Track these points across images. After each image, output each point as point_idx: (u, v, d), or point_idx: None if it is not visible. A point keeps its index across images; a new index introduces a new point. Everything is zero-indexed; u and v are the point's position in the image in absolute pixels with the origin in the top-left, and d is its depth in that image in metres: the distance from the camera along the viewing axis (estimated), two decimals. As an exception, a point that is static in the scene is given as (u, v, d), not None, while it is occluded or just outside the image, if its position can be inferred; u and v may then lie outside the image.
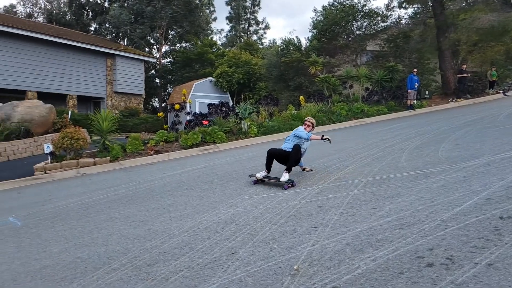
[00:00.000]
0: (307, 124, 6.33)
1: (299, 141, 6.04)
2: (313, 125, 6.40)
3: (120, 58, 24.13)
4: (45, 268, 3.60)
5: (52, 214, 5.67)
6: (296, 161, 5.93)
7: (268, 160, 6.04)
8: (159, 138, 11.67)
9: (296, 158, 5.87)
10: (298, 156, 5.88)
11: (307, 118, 6.47)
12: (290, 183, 5.65)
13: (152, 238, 4.12)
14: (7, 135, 13.50)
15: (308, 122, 6.37)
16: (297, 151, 5.81)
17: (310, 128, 6.31)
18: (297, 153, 5.83)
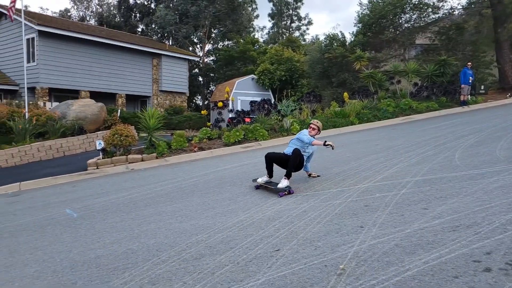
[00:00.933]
0: (312, 127, 5.95)
1: (302, 145, 5.75)
2: (318, 129, 6.00)
3: (165, 58, 24.94)
4: (99, 257, 3.80)
5: (104, 207, 5.97)
6: (295, 167, 5.58)
7: (267, 165, 5.79)
8: (203, 136, 11.91)
9: (295, 164, 5.49)
10: (297, 161, 5.48)
11: (312, 121, 6.09)
12: (286, 191, 5.34)
13: (197, 232, 4.21)
14: (63, 132, 14.42)
15: (314, 125, 5.98)
16: (296, 155, 5.46)
17: (315, 131, 5.94)
18: (296, 158, 5.45)
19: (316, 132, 5.95)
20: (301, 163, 5.71)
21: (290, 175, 5.46)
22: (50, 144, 13.59)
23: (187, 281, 3.05)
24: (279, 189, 5.37)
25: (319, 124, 6.02)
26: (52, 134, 14.13)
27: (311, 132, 5.88)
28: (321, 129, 6.07)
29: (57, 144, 13.81)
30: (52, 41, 19.57)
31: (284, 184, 5.36)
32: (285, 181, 5.38)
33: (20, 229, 5.23)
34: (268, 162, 5.77)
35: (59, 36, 19.65)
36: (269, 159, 5.76)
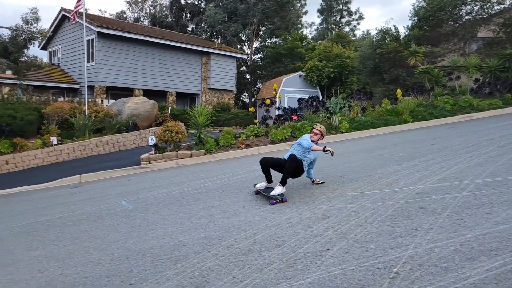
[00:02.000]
0: (315, 132, 5.60)
1: (303, 150, 5.47)
2: (321, 133, 5.61)
3: (214, 56, 25.45)
4: (152, 248, 3.95)
5: (156, 200, 6.21)
6: (292, 173, 5.29)
7: (263, 170, 5.58)
8: (250, 133, 11.99)
9: (291, 170, 5.20)
10: (292, 167, 5.19)
11: (315, 126, 5.72)
12: (278, 199, 5.14)
13: (246, 228, 4.24)
14: (118, 128, 15.22)
15: (316, 130, 5.61)
16: (292, 161, 5.20)
17: (318, 136, 5.58)
18: (292, 164, 5.18)
19: (319, 137, 5.61)
20: (299, 169, 5.46)
21: (285, 181, 5.20)
22: (107, 139, 14.42)
23: (236, 276, 3.08)
24: (271, 196, 5.17)
25: (322, 129, 5.65)
26: (109, 130, 14.98)
27: (314, 137, 5.57)
28: (324, 134, 5.69)
29: (113, 140, 14.62)
30: (109, 42, 20.72)
31: (278, 191, 5.12)
32: (279, 189, 5.14)
33: (81, 218, 5.59)
34: (264, 167, 5.56)
35: (116, 37, 20.75)
36: (265, 164, 5.54)
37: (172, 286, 3.04)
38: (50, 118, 14.48)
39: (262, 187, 5.64)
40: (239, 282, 2.98)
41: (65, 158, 13.22)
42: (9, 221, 6.01)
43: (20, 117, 13.43)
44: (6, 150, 12.11)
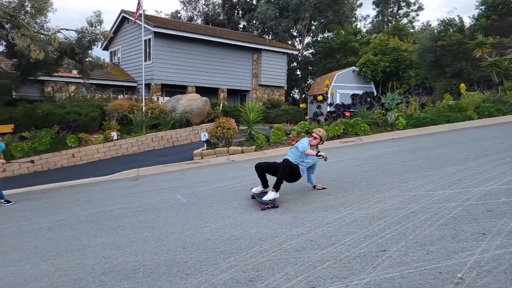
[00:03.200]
0: (314, 137, 5.46)
1: (300, 154, 5.32)
2: (321, 138, 5.47)
3: (265, 52, 25.51)
4: (206, 241, 4.05)
5: (209, 194, 6.37)
6: (284, 178, 5.17)
7: (258, 175, 5.52)
8: (300, 129, 11.88)
9: (284, 174, 5.10)
10: (286, 171, 5.09)
11: (314, 130, 5.60)
12: (269, 204, 5.01)
13: (298, 225, 4.20)
14: (172, 124, 15.83)
15: (316, 134, 5.47)
16: (285, 166, 5.10)
17: (317, 140, 5.44)
18: (285, 169, 5.08)
19: (318, 142, 5.47)
20: (295, 174, 5.34)
21: (278, 187, 5.11)
22: (162, 135, 15.06)
23: (289, 272, 3.06)
24: (262, 201, 5.09)
25: (322, 134, 5.49)
26: (164, 126, 15.62)
27: (313, 141, 5.44)
28: (324, 139, 5.55)
29: (167, 135, 15.24)
30: (165, 41, 21.56)
31: (270, 196, 5.04)
32: (271, 194, 5.07)
33: (140, 210, 5.89)
34: (259, 172, 5.51)
35: (171, 36, 21.53)
36: (260, 169, 5.49)
37: (226, 278, 3.09)
38: (111, 115, 15.41)
39: (258, 192, 5.59)
40: (292, 278, 2.96)
41: (124, 153, 14.02)
42: (76, 210, 6.49)
43: (85, 114, 14.43)
44: (73, 144, 13.09)
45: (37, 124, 13.89)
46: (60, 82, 20.15)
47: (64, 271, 3.69)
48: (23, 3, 12.43)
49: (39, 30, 12.97)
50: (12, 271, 3.89)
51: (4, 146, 8.43)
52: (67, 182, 9.94)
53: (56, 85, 20.08)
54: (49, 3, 12.74)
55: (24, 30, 11.92)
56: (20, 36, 11.69)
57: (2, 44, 13.74)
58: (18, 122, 13.87)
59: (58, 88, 20.06)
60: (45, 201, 7.85)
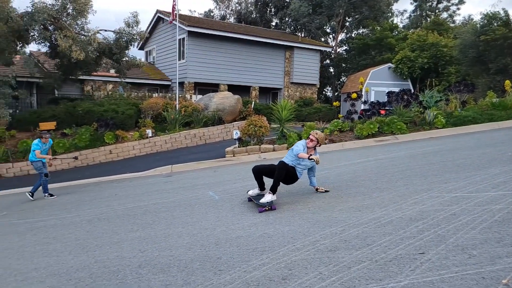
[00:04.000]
0: (311, 139, 5.40)
1: (296, 156, 5.28)
2: (317, 141, 5.39)
3: (297, 50, 25.30)
4: (239, 238, 4.07)
5: (241, 192, 6.39)
6: (280, 180, 5.11)
7: (255, 177, 5.51)
8: (333, 128, 11.70)
9: (280, 177, 5.05)
10: (282, 173, 5.05)
11: (311, 132, 5.52)
12: (267, 207, 4.99)
13: (331, 225, 4.13)
14: (205, 122, 16.04)
15: (312, 136, 5.41)
16: (280, 168, 5.06)
17: (314, 143, 5.38)
18: (281, 171, 5.04)
19: (315, 144, 5.42)
20: (291, 176, 5.30)
21: (275, 189, 5.06)
22: (194, 133, 15.31)
23: (322, 272, 3.02)
24: (259, 203, 5.08)
25: (319, 136, 5.42)
26: (196, 124, 15.87)
27: (309, 143, 5.39)
28: (321, 141, 5.47)
29: (200, 133, 15.47)
30: (198, 40, 21.87)
31: (267, 199, 5.02)
32: (268, 196, 5.04)
33: (174, 206, 6.01)
34: (256, 174, 5.50)
35: (204, 35, 21.81)
36: (257, 172, 5.48)
37: (259, 276, 3.08)
38: (146, 113, 15.84)
39: (254, 194, 5.57)
40: (326, 278, 2.91)
41: (158, 149, 14.37)
42: (114, 204, 6.72)
43: (121, 112, 14.91)
44: (110, 141, 13.57)
45: (77, 121, 14.51)
46: (98, 81, 20.95)
47: (103, 262, 3.82)
48: (65, 6, 13.00)
49: (79, 31, 13.53)
50: (56, 261, 4.08)
51: (52, 141, 8.88)
52: (105, 178, 10.32)
53: (95, 84, 20.89)
54: (89, 5, 13.26)
55: (66, 31, 12.48)
56: (62, 37, 12.25)
57: (46, 45, 14.44)
58: (60, 120, 14.55)
59: (97, 87, 20.87)
60: (85, 195, 8.19)
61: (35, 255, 4.39)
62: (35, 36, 13.68)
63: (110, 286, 3.24)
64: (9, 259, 4.34)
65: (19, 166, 12.32)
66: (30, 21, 12.25)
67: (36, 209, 7.23)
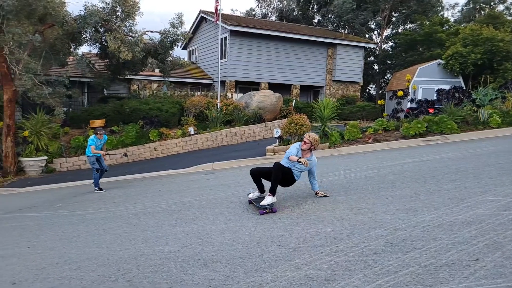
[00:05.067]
0: (305, 141, 5.40)
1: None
2: (311, 143, 5.36)
3: (340, 47, 24.77)
4: (280, 236, 4.05)
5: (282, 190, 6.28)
6: (277, 182, 5.13)
7: (254, 180, 5.52)
8: (378, 126, 11.35)
9: (277, 178, 5.09)
10: (278, 175, 5.08)
11: (305, 134, 5.52)
12: (267, 209, 4.99)
13: (376, 227, 4.00)
14: (245, 120, 16.16)
15: (306, 139, 5.39)
16: (276, 170, 5.09)
17: (308, 145, 5.37)
18: (277, 173, 5.08)
19: (309, 147, 5.40)
20: (288, 178, 5.35)
21: (273, 191, 5.11)
22: (235, 131, 15.46)
23: (367, 274, 2.93)
24: (259, 206, 5.09)
25: (312, 138, 5.38)
26: (237, 122, 16.03)
27: (303, 146, 5.39)
28: (315, 143, 5.42)
29: (240, 131, 15.60)
30: (240, 39, 22.05)
31: (267, 201, 5.05)
32: (268, 198, 5.07)
33: (215, 202, 6.09)
34: (254, 177, 5.52)
35: (245, 34, 21.95)
36: (254, 174, 5.50)
37: (301, 275, 3.04)
38: (188, 111, 16.23)
39: (255, 197, 5.57)
40: (371, 281, 2.82)
41: (200, 147, 14.67)
42: (158, 200, 6.94)
43: (166, 110, 15.38)
44: (155, 138, 14.06)
45: (124, 119, 15.16)
46: (144, 81, 21.76)
47: (149, 255, 3.95)
48: (115, 8, 13.60)
49: (127, 33, 14.10)
50: (105, 251, 4.28)
51: (106, 137, 9.36)
52: (149, 174, 10.70)
53: (141, 83, 21.72)
54: (137, 7, 13.78)
55: (115, 33, 13.05)
56: (112, 39, 12.83)
57: (96, 46, 15.21)
58: (109, 117, 15.28)
59: (142, 86, 21.69)
60: (131, 190, 8.54)
61: (87, 245, 4.63)
62: (87, 38, 14.46)
63: (156, 278, 3.34)
64: (64, 248, 4.61)
65: (71, 161, 13.10)
66: (83, 24, 12.94)
67: (87, 202, 7.64)
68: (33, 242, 5.11)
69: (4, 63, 11.34)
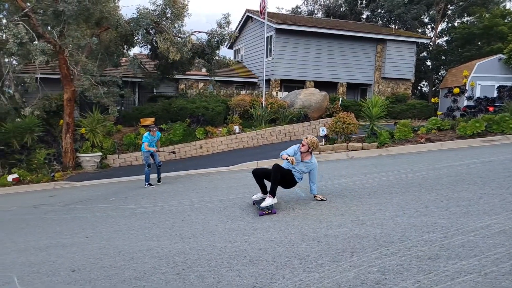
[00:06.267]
0: (303, 144, 5.43)
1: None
2: (309, 146, 5.38)
3: (390, 43, 23.83)
4: (327, 237, 3.96)
5: (327, 190, 6.23)
6: (277, 183, 5.18)
7: (256, 181, 5.63)
8: (431, 126, 10.79)
9: (275, 179, 5.16)
10: (277, 176, 5.15)
11: (304, 138, 5.51)
12: (267, 210, 5.11)
13: (430, 230, 3.79)
14: (290, 119, 16.06)
15: (304, 142, 5.43)
16: (275, 170, 5.16)
17: (305, 148, 5.39)
18: (275, 174, 5.15)
19: (307, 149, 5.42)
20: (288, 179, 5.42)
21: (273, 192, 5.18)
22: (280, 129, 15.42)
23: (421, 280, 2.79)
24: (260, 207, 5.19)
25: (309, 141, 5.41)
26: (282, 120, 15.96)
27: (301, 148, 5.43)
28: (312, 146, 5.42)
29: (285, 129, 15.53)
30: (285, 37, 21.91)
31: (267, 202, 5.12)
32: (268, 199, 5.14)
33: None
34: (256, 178, 5.61)
35: (291, 32, 21.78)
36: (256, 175, 5.60)
37: (350, 277, 2.96)
38: (234, 109, 16.42)
39: (258, 198, 5.64)
40: (425, 287, 2.68)
41: (245, 145, 14.79)
42: (205, 196, 7.08)
43: (211, 108, 15.68)
44: (201, 136, 14.38)
45: (172, 117, 15.66)
46: (191, 80, 22.34)
47: (196, 250, 4.04)
48: (165, 10, 14.08)
49: (176, 34, 14.54)
50: (156, 245, 4.44)
51: (160, 134, 9.75)
52: (195, 171, 10.96)
53: (188, 82, 22.32)
54: (186, 9, 14.17)
55: (165, 34, 13.52)
56: (161, 40, 13.31)
57: (147, 47, 15.84)
58: (158, 116, 15.86)
59: (189, 85, 22.28)
60: (179, 186, 8.80)
61: (138, 238, 4.83)
62: (138, 40, 15.10)
63: (204, 272, 3.40)
64: (118, 240, 4.85)
65: (123, 157, 13.76)
66: (135, 26, 13.54)
67: (138, 196, 7.98)
68: (90, 233, 5.43)
69: (64, 65, 12.15)
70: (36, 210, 7.69)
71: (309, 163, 5.43)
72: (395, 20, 30.97)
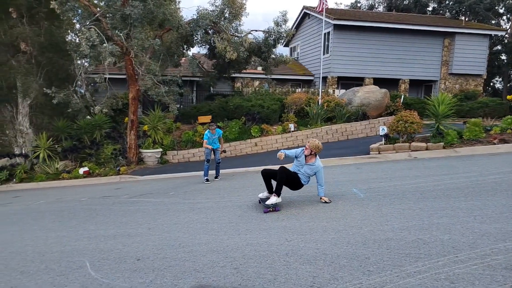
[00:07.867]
0: (306, 147, 5.68)
1: (298, 162, 5.75)
2: (311, 149, 5.61)
3: (460, 36, 22.19)
4: (389, 240, 3.78)
5: (389, 192, 5.96)
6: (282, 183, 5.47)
7: (264, 181, 5.87)
8: (506, 125, 9.88)
9: (281, 180, 5.45)
10: (282, 177, 5.44)
11: (307, 141, 5.75)
12: (271, 208, 5.45)
13: (505, 238, 3.47)
14: (348, 117, 15.60)
15: (307, 145, 5.66)
16: (280, 172, 5.46)
17: (308, 151, 5.63)
18: (280, 175, 5.44)
19: (309, 152, 5.65)
20: (294, 181, 5.65)
21: (278, 192, 5.47)
22: (336, 128, 15.04)
23: (496, 293, 2.54)
24: (264, 205, 5.50)
25: (311, 145, 5.63)
26: (338, 119, 15.56)
27: (305, 151, 5.67)
28: (314, 150, 5.64)
29: (342, 128, 15.11)
30: (344, 33, 21.33)
31: (272, 201, 5.46)
32: (273, 198, 5.47)
33: (315, 200, 5.98)
34: (264, 178, 5.83)
35: (350, 27, 21.15)
36: (265, 175, 5.81)
37: (414, 283, 2.79)
38: (289, 107, 16.32)
39: (264, 197, 5.90)
40: (501, 302, 2.44)
41: (299, 144, 14.64)
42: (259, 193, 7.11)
43: (267, 106, 15.73)
44: (256, 134, 14.49)
45: (228, 115, 15.96)
46: (247, 78, 22.60)
47: (253, 246, 4.07)
48: (223, 11, 14.38)
49: (234, 33, 14.78)
50: (213, 239, 4.55)
51: (221, 132, 10.00)
52: (250, 168, 11.07)
53: (244, 81, 22.61)
54: (243, 8, 14.35)
55: (222, 34, 13.81)
56: (219, 40, 13.61)
57: (205, 47, 16.30)
58: (215, 114, 16.26)
59: (245, 84, 22.56)
60: (234, 182, 8.94)
61: (197, 231, 4.98)
62: (198, 40, 15.58)
63: (261, 268, 3.41)
64: (178, 232, 5.04)
65: (182, 153, 14.30)
66: (195, 27, 13.99)
67: (196, 192, 8.25)
68: (152, 224, 5.70)
69: (130, 66, 12.91)
70: (104, 201, 8.27)
71: (313, 165, 5.66)
72: (465, 11, 28.78)
